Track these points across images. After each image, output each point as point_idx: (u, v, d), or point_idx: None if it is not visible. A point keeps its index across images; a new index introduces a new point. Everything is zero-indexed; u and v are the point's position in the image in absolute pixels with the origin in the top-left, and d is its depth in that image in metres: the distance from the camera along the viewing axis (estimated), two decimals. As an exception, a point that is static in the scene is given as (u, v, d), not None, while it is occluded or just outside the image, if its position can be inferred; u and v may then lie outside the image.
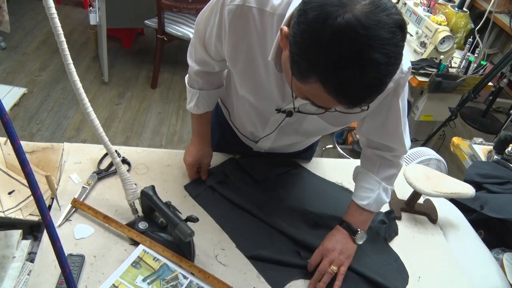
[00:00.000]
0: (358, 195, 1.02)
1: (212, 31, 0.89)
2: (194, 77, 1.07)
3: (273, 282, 0.95)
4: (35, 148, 1.14)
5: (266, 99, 0.93)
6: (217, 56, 0.97)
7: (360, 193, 1.01)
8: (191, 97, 1.11)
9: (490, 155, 1.72)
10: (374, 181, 1.00)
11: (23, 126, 2.59)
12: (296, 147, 1.24)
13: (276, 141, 1.13)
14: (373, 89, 0.63)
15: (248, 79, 0.92)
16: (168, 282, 0.89)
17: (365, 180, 1.02)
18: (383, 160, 1.01)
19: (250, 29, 0.81)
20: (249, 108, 1.04)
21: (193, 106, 1.11)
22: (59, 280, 0.85)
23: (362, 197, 1.00)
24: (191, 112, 1.14)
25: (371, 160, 1.03)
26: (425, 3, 2.54)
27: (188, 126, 2.87)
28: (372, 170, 1.02)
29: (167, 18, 2.88)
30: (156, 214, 0.99)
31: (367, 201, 0.99)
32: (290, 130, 1.04)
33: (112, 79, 3.16)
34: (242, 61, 0.88)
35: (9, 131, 0.51)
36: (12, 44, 3.33)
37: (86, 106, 0.80)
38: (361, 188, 1.02)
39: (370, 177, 1.01)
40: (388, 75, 0.61)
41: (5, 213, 0.94)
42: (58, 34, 0.69)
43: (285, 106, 0.92)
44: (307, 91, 0.68)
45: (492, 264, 1.12)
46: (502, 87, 3.20)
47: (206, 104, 1.11)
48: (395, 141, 0.97)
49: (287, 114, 0.94)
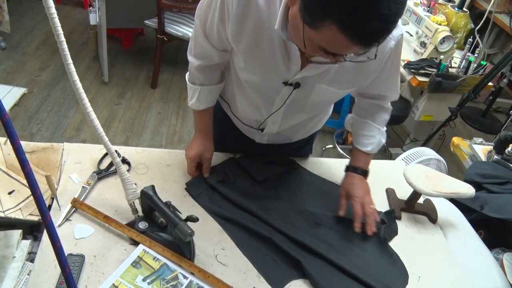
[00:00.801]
0: (361, 143, 1.14)
1: (214, 15, 0.91)
2: (195, 73, 1.09)
3: (273, 282, 0.95)
4: (35, 148, 1.14)
5: (272, 74, 0.95)
6: (218, 44, 0.98)
7: (363, 140, 1.13)
8: (192, 94, 1.13)
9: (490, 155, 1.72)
10: (374, 128, 1.13)
11: (23, 126, 2.59)
12: (300, 132, 1.25)
13: (283, 123, 1.13)
14: (385, 26, 0.66)
15: (253, 56, 0.93)
16: (168, 282, 0.89)
17: (364, 128, 1.14)
18: (377, 107, 1.13)
19: (252, 5, 0.84)
20: (253, 93, 1.06)
21: (194, 102, 1.13)
22: (59, 280, 0.85)
23: (366, 144, 1.13)
24: (193, 108, 1.15)
25: (366, 110, 1.15)
26: (425, 3, 2.54)
27: (188, 126, 2.87)
28: (369, 118, 1.13)
29: (167, 18, 2.88)
30: (156, 214, 0.99)
31: (371, 147, 1.13)
32: (296, 107, 1.06)
33: (112, 79, 3.16)
34: (246, 38, 0.90)
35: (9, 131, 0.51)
36: (12, 44, 3.33)
37: (86, 106, 0.80)
38: (362, 136, 1.14)
39: (369, 125, 1.13)
40: (397, 14, 0.65)
41: (5, 213, 0.94)
42: (58, 34, 0.69)
43: (291, 77, 0.94)
44: (321, 38, 0.71)
45: (492, 264, 1.12)
46: (502, 87, 3.20)
47: (208, 99, 1.13)
48: (391, 90, 1.09)
49: (295, 86, 0.96)
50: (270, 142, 1.23)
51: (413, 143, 2.69)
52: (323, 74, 0.92)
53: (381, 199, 1.25)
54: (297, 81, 0.95)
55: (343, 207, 1.11)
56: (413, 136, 2.73)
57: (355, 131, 1.17)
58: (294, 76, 0.93)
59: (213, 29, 0.94)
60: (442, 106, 2.42)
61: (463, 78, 2.25)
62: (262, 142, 1.24)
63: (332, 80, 0.95)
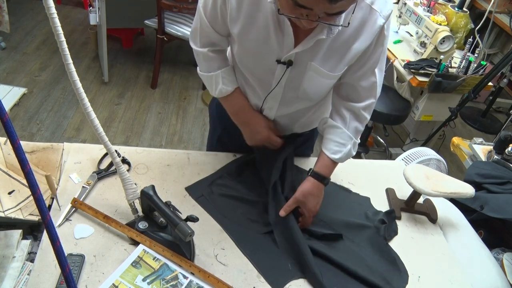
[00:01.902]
0: (330, 149, 1.07)
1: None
2: (209, 60, 1.08)
3: (273, 282, 0.95)
4: (35, 148, 1.14)
5: (266, 52, 0.97)
6: (223, 30, 0.99)
7: (332, 146, 1.07)
8: (215, 81, 1.10)
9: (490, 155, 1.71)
10: (346, 136, 1.07)
11: (23, 126, 2.59)
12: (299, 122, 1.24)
13: (280, 109, 1.13)
14: None
15: (249, 36, 0.95)
16: (168, 282, 0.89)
17: (338, 134, 1.08)
18: (352, 114, 1.07)
19: None
20: (250, 76, 1.07)
21: (221, 88, 1.09)
22: (59, 280, 0.85)
23: (335, 151, 1.07)
24: (222, 96, 1.12)
25: (341, 114, 1.08)
26: (425, 3, 2.54)
27: (188, 126, 2.87)
28: (344, 125, 1.07)
29: (167, 18, 2.88)
30: (156, 214, 0.99)
31: (339, 155, 1.07)
32: (292, 90, 1.06)
33: (112, 79, 3.16)
34: (244, 16, 0.92)
35: (9, 131, 0.51)
36: (12, 44, 3.33)
37: (86, 106, 0.80)
38: (333, 142, 1.08)
39: (342, 132, 1.07)
40: None
41: (5, 213, 0.94)
42: (58, 34, 0.69)
43: (284, 55, 0.95)
44: None
45: (492, 264, 1.12)
46: (502, 87, 3.20)
47: (232, 80, 1.11)
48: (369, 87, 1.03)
49: (288, 63, 0.97)
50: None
51: (413, 143, 2.69)
52: (314, 51, 0.94)
53: (381, 199, 1.25)
54: (290, 59, 0.96)
55: (288, 208, 1.05)
56: (413, 136, 2.73)
57: (326, 135, 1.10)
58: (287, 54, 0.95)
59: (217, 14, 0.96)
60: (442, 106, 2.42)
61: (463, 78, 2.25)
62: None
63: (322, 59, 0.95)
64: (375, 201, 1.23)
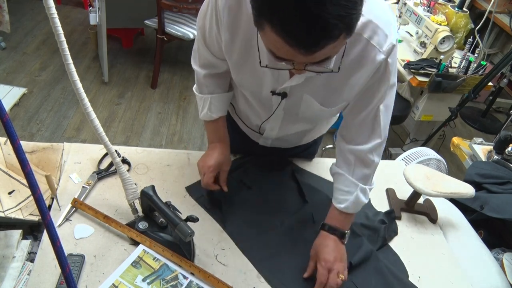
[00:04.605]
0: (336, 198, 1.01)
1: (212, 24, 0.90)
2: (203, 82, 1.06)
3: (273, 282, 0.95)
4: (35, 148, 1.14)
5: (261, 84, 0.93)
6: (219, 54, 0.96)
7: (338, 196, 1.00)
8: (202, 105, 1.09)
9: (490, 155, 1.71)
10: (351, 183, 0.99)
11: (23, 126, 2.59)
12: (301, 139, 1.23)
13: (281, 130, 1.11)
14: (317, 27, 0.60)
15: (244, 68, 0.92)
16: (168, 282, 0.89)
17: (342, 182, 1.00)
18: (358, 159, 0.98)
19: (243, 12, 0.82)
20: (251, 98, 1.04)
21: (206, 113, 1.08)
22: (59, 280, 0.85)
23: (341, 200, 0.99)
24: (205, 120, 1.11)
25: (346, 159, 1.00)
26: (425, 3, 2.54)
27: (188, 126, 2.87)
28: (348, 171, 1.00)
29: (167, 18, 2.88)
30: (156, 214, 0.99)
31: (345, 204, 0.98)
32: (291, 116, 1.03)
33: (112, 79, 3.16)
34: (238, 48, 0.88)
35: (9, 131, 0.51)
36: (12, 44, 3.33)
37: (86, 106, 0.80)
38: (339, 191, 1.01)
39: (346, 179, 0.99)
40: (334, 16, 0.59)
41: (5, 213, 0.94)
42: (58, 34, 0.69)
43: (279, 87, 0.91)
44: (266, 40, 0.68)
45: (492, 264, 1.12)
46: (502, 87, 3.19)
47: (219, 107, 1.09)
48: (374, 130, 0.94)
49: (282, 95, 0.93)
50: (274, 146, 1.23)
51: (413, 143, 2.69)
52: (309, 85, 0.89)
53: (381, 199, 1.25)
54: (284, 91, 0.92)
55: (310, 269, 0.98)
56: (413, 136, 2.73)
57: (334, 183, 1.04)
58: (281, 86, 0.91)
59: (212, 38, 0.93)
60: (442, 106, 2.42)
61: (463, 78, 2.25)
62: (265, 145, 1.23)
63: (317, 92, 0.90)
64: (375, 201, 1.23)
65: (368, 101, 0.91)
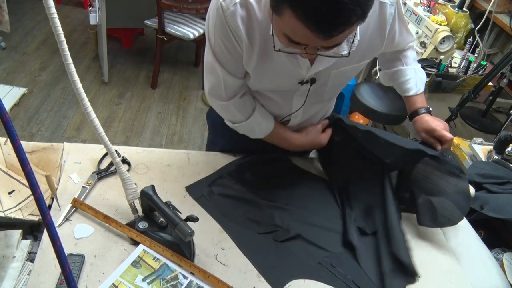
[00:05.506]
0: (404, 90, 1.19)
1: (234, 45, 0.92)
2: (242, 107, 1.08)
3: (273, 282, 0.95)
4: (35, 148, 1.14)
5: (286, 79, 0.97)
6: (242, 72, 1.00)
7: (404, 86, 1.18)
8: (256, 124, 1.10)
9: (490, 155, 1.71)
10: (407, 71, 1.17)
11: (23, 126, 2.59)
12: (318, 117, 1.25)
13: (305, 115, 1.15)
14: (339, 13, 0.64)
15: (264, 69, 0.95)
16: (168, 281, 0.89)
17: (399, 75, 1.18)
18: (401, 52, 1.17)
19: (253, 19, 0.86)
20: (271, 95, 1.07)
21: (265, 126, 1.11)
22: (59, 280, 0.85)
23: (408, 89, 1.18)
24: (265, 138, 1.14)
25: (392, 59, 1.19)
26: (425, 3, 2.54)
27: (188, 126, 2.87)
28: (399, 64, 1.18)
29: (167, 18, 2.88)
30: (156, 214, 0.99)
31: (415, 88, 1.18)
32: (316, 98, 1.07)
33: (112, 79, 3.16)
34: (257, 51, 0.92)
35: (9, 131, 0.51)
36: (12, 44, 3.33)
37: (86, 106, 0.80)
38: (401, 83, 1.19)
39: (402, 70, 1.17)
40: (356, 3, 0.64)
41: (5, 213, 0.94)
42: (58, 34, 0.69)
43: (306, 76, 0.96)
44: (284, 25, 0.72)
45: (492, 264, 1.12)
46: (502, 87, 3.19)
47: (266, 118, 1.11)
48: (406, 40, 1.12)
49: (311, 81, 0.98)
50: None
51: (413, 143, 2.69)
52: (336, 61, 0.94)
53: (381, 199, 1.25)
54: (312, 77, 0.97)
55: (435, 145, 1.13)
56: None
57: (393, 82, 1.21)
58: (308, 74, 0.95)
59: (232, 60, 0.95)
60: (442, 106, 2.42)
61: (463, 78, 2.25)
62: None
63: (345, 62, 0.96)
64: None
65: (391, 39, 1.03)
